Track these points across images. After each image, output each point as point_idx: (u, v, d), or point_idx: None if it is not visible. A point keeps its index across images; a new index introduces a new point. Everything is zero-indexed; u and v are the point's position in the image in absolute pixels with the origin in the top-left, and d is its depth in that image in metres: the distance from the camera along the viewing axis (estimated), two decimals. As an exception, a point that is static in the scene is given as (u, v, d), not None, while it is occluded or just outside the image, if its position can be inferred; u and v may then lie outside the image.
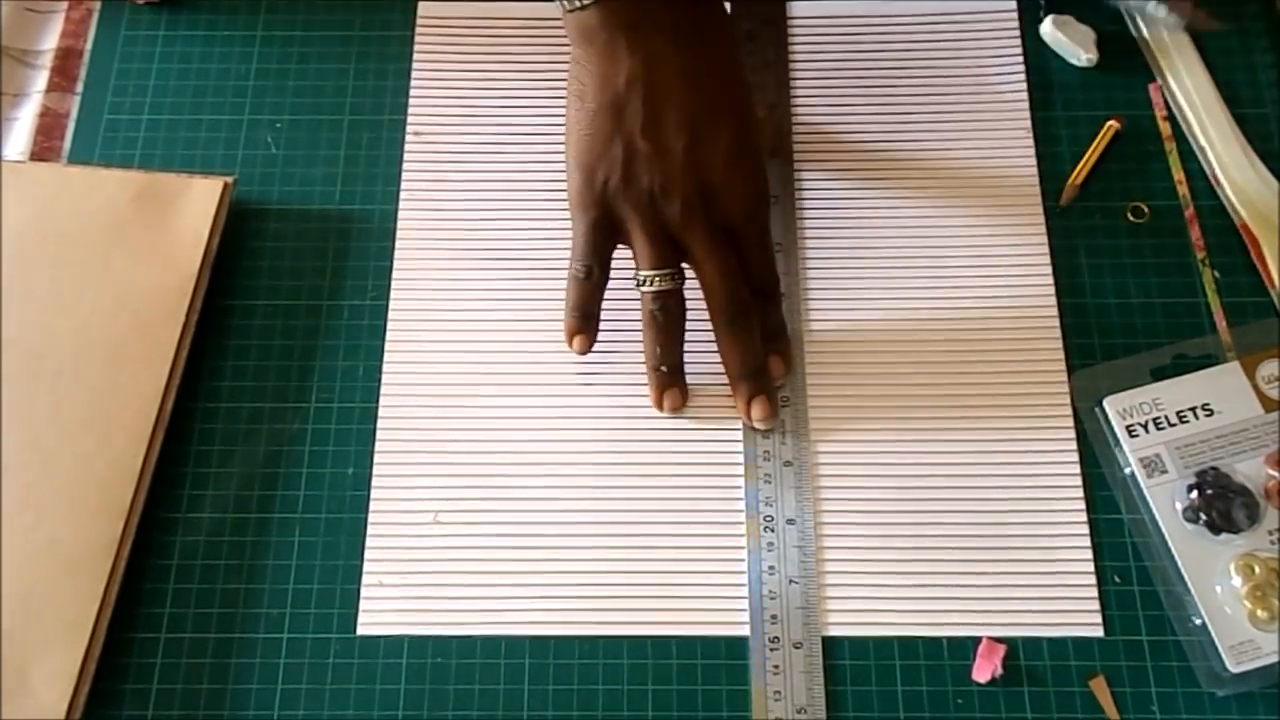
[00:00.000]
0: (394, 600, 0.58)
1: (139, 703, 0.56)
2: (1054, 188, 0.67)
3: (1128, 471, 0.59)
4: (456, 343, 0.63)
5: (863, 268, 0.65)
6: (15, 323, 0.61)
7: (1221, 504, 0.58)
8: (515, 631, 0.57)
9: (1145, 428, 0.60)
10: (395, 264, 0.65)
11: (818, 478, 0.60)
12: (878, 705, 0.56)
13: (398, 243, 0.66)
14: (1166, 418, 0.60)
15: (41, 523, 0.57)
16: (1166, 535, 0.58)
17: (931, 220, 0.66)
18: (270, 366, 0.63)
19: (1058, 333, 0.63)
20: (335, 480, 0.60)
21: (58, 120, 0.69)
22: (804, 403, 0.62)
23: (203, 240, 0.63)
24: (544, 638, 0.57)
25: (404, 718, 0.56)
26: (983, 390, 0.62)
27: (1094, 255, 0.65)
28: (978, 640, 0.57)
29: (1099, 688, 0.56)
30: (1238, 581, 0.57)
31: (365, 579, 0.58)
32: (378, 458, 0.61)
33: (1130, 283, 0.64)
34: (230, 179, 0.65)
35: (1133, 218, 0.66)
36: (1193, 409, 0.60)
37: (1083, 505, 0.59)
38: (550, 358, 0.62)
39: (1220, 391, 0.60)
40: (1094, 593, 0.58)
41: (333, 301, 0.64)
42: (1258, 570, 0.57)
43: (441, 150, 0.68)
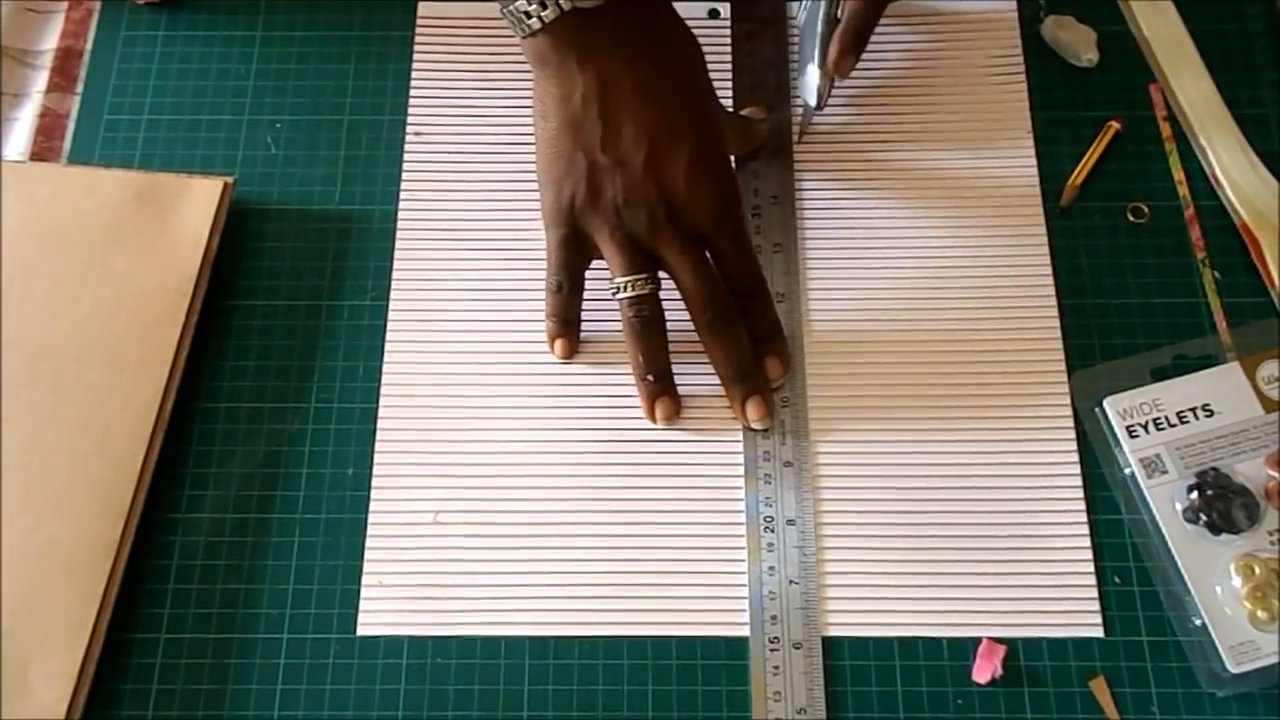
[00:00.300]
0: (394, 600, 0.58)
1: (139, 703, 0.56)
2: (1054, 188, 0.67)
3: (1128, 472, 0.59)
4: (456, 343, 0.63)
5: (863, 268, 0.65)
6: (15, 323, 0.61)
7: (1221, 504, 0.58)
8: (515, 632, 0.57)
9: (1145, 428, 0.60)
10: (395, 264, 0.65)
11: (818, 478, 0.60)
12: (877, 706, 0.56)
13: (398, 243, 0.66)
14: (1167, 418, 0.60)
15: (41, 523, 0.57)
16: (1166, 536, 0.58)
17: (931, 220, 0.66)
18: (270, 366, 0.63)
19: (1058, 333, 0.63)
20: (335, 480, 0.60)
21: (58, 120, 0.69)
22: (804, 403, 0.62)
23: (203, 240, 0.63)
24: (544, 638, 0.57)
25: (404, 718, 0.56)
26: (983, 390, 0.62)
27: (1094, 255, 0.65)
28: (978, 641, 0.57)
29: (1099, 688, 0.56)
30: (1238, 582, 0.57)
31: (365, 579, 0.58)
32: (377, 458, 0.61)
33: (1130, 283, 0.64)
34: (230, 179, 0.65)
35: (1133, 218, 0.66)
36: (1193, 409, 0.60)
37: (1083, 506, 0.59)
38: (550, 357, 0.62)
39: (1220, 392, 0.60)
40: (1094, 593, 0.58)
41: (333, 301, 0.64)
42: (1258, 571, 0.57)
43: (441, 150, 0.68)
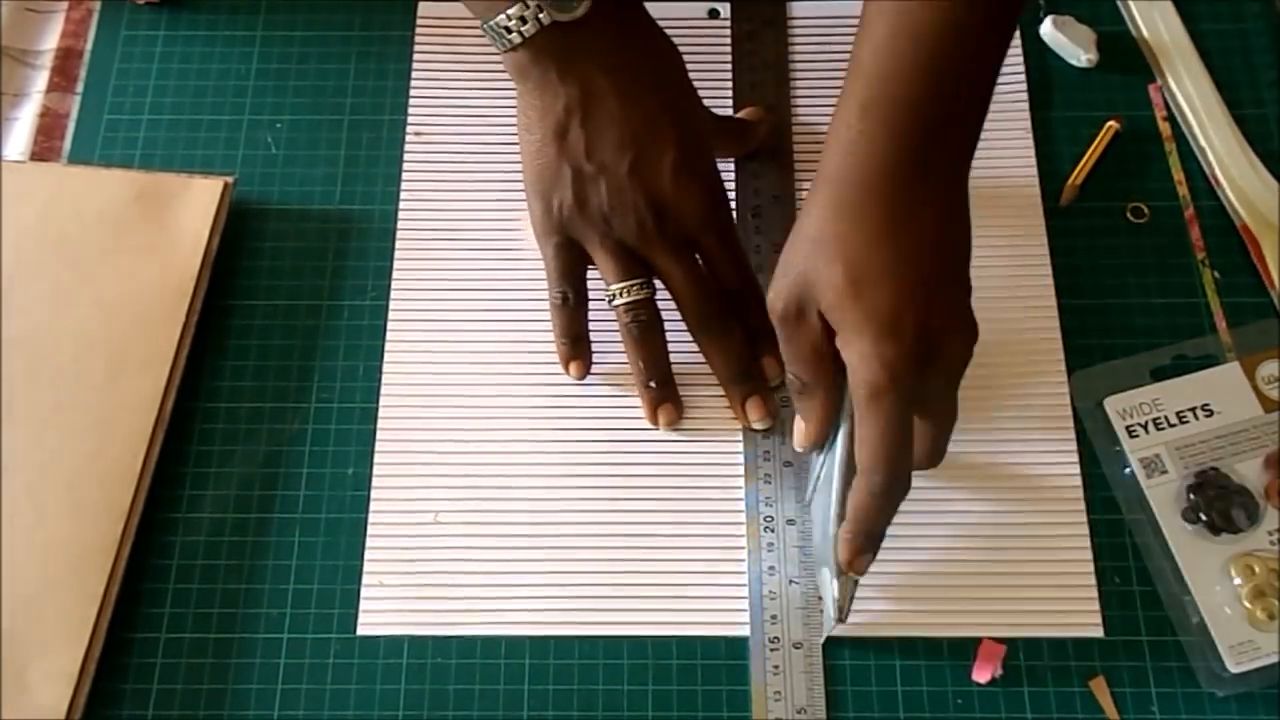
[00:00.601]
0: (394, 600, 0.58)
1: (139, 703, 0.56)
2: (1054, 188, 0.67)
3: (1127, 472, 0.59)
4: (457, 343, 0.63)
5: (863, 268, 0.65)
6: (16, 322, 0.61)
7: (1221, 504, 0.58)
8: (515, 632, 0.57)
9: (1145, 428, 0.60)
10: (395, 264, 0.65)
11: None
12: (877, 705, 0.56)
13: (398, 243, 0.66)
14: (1166, 418, 0.60)
15: (42, 522, 0.57)
16: (1166, 535, 0.58)
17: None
18: (270, 366, 0.63)
19: (1057, 333, 0.63)
20: (335, 480, 0.60)
21: (58, 120, 0.69)
22: (804, 403, 0.62)
23: (203, 240, 0.63)
24: (544, 638, 0.57)
25: (404, 718, 0.56)
26: (982, 390, 0.62)
27: (1094, 255, 0.65)
28: (978, 641, 0.57)
29: (1099, 688, 0.56)
30: (1237, 582, 0.57)
31: (365, 579, 0.58)
32: (378, 458, 0.61)
33: (1130, 283, 0.64)
34: (230, 179, 0.65)
35: (1132, 218, 0.66)
36: (1192, 409, 0.60)
37: (1082, 505, 0.59)
38: (551, 357, 0.62)
39: (1220, 392, 0.60)
40: (1094, 593, 0.58)
41: (333, 301, 0.64)
42: (1257, 570, 0.57)
43: (441, 150, 0.68)
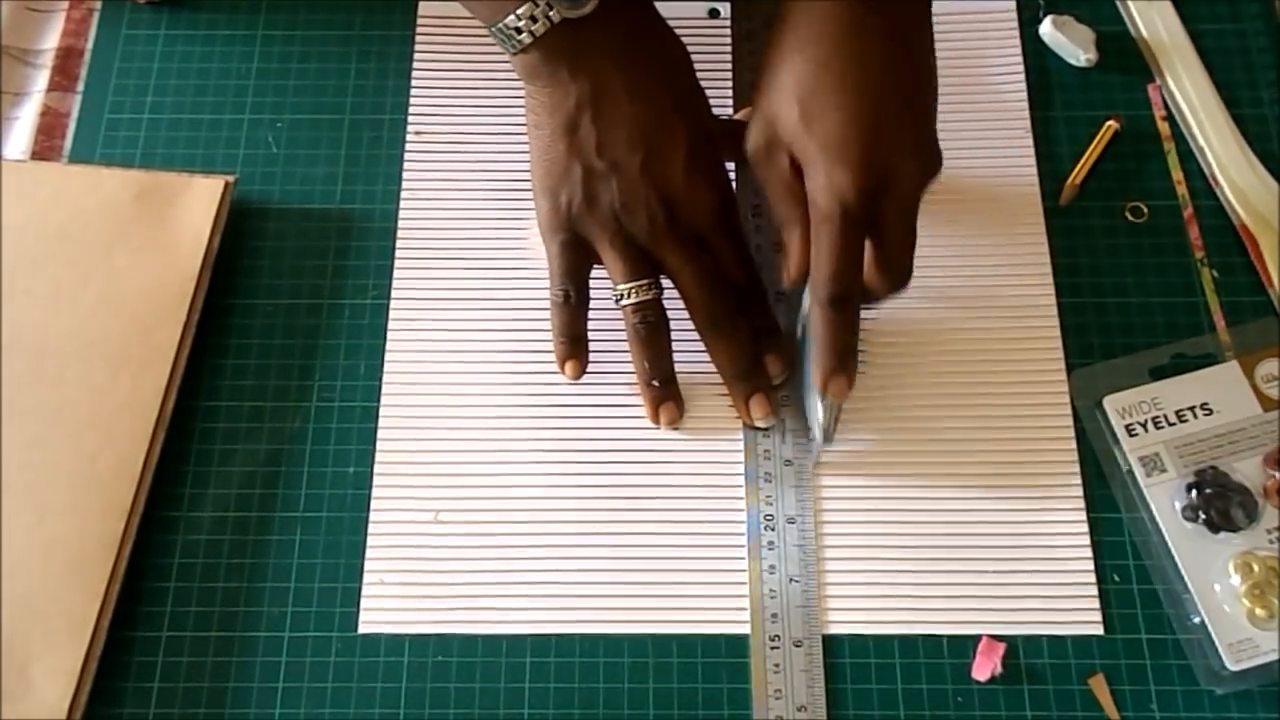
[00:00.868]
0: (395, 599, 0.58)
1: (140, 701, 0.56)
2: (1053, 187, 0.67)
3: (1127, 470, 0.60)
4: (458, 342, 0.63)
5: (862, 267, 0.65)
6: (16, 322, 0.61)
7: (1220, 503, 0.58)
8: (516, 630, 0.57)
9: (1144, 427, 0.60)
10: (396, 263, 0.65)
11: (818, 476, 0.60)
12: (878, 703, 0.56)
13: (398, 242, 0.66)
14: (1165, 417, 0.60)
15: (43, 521, 0.57)
16: (1165, 534, 0.58)
17: (930, 219, 0.66)
18: (271, 365, 0.63)
19: (1057, 332, 0.63)
20: (336, 479, 0.60)
21: (59, 119, 0.69)
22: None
23: (203, 239, 0.63)
24: (545, 636, 0.57)
25: (405, 716, 0.56)
26: (982, 389, 0.62)
27: (1093, 255, 0.65)
28: (977, 638, 0.57)
29: (1098, 686, 0.56)
30: (1236, 580, 0.57)
31: (366, 577, 0.58)
32: (379, 457, 0.61)
33: (1129, 282, 0.64)
34: (231, 178, 0.65)
35: (1132, 217, 0.66)
36: (1192, 408, 0.60)
37: (1082, 504, 0.59)
38: (551, 356, 0.62)
39: (1219, 391, 0.61)
40: (1093, 591, 0.58)
41: (333, 300, 0.64)
42: (1256, 569, 0.57)
43: (442, 150, 0.68)
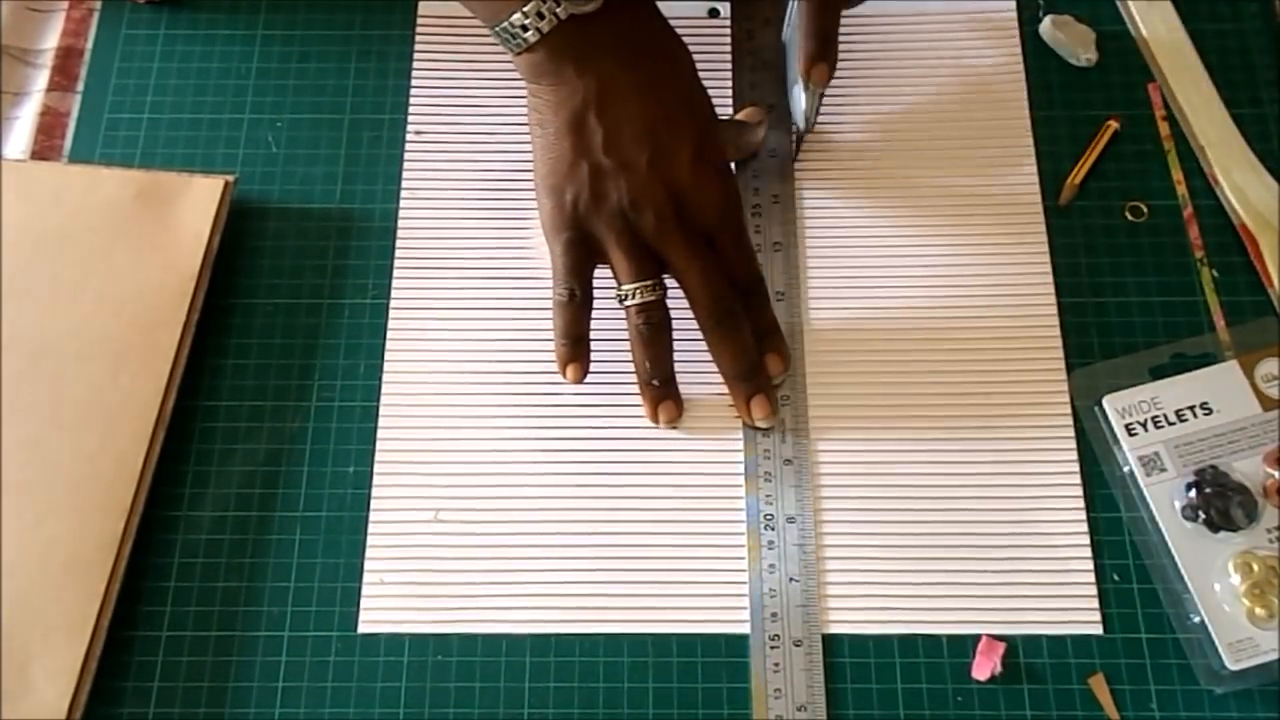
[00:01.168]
0: (395, 598, 0.58)
1: (140, 700, 0.56)
2: (1053, 187, 0.67)
3: (1127, 470, 0.60)
4: (457, 342, 0.63)
5: (862, 267, 0.65)
6: (16, 321, 0.61)
7: (1220, 502, 0.58)
8: (516, 629, 0.57)
9: (1144, 426, 0.60)
10: (396, 263, 0.65)
11: (818, 476, 0.60)
12: (877, 703, 0.56)
13: (398, 242, 0.66)
14: (1165, 416, 0.60)
15: (43, 521, 0.57)
16: (1165, 533, 0.58)
17: (930, 219, 0.66)
18: (271, 365, 0.63)
19: (1057, 331, 0.63)
20: (336, 479, 0.60)
21: (58, 119, 0.69)
22: (804, 401, 0.62)
23: (203, 239, 0.63)
24: (545, 635, 0.57)
25: (405, 715, 0.56)
26: (982, 389, 0.62)
27: (1093, 254, 0.65)
28: (977, 638, 0.57)
29: (1098, 685, 0.56)
30: (1236, 579, 0.57)
31: (366, 577, 0.58)
32: (378, 456, 0.61)
33: (1129, 282, 0.64)
34: (231, 178, 0.65)
35: (1131, 217, 0.66)
36: (1191, 408, 0.60)
37: (1082, 503, 0.59)
38: (551, 356, 0.62)
39: (1219, 390, 0.61)
40: (1093, 591, 0.58)
41: (333, 300, 0.64)
42: (1256, 568, 0.57)
43: (442, 150, 0.68)
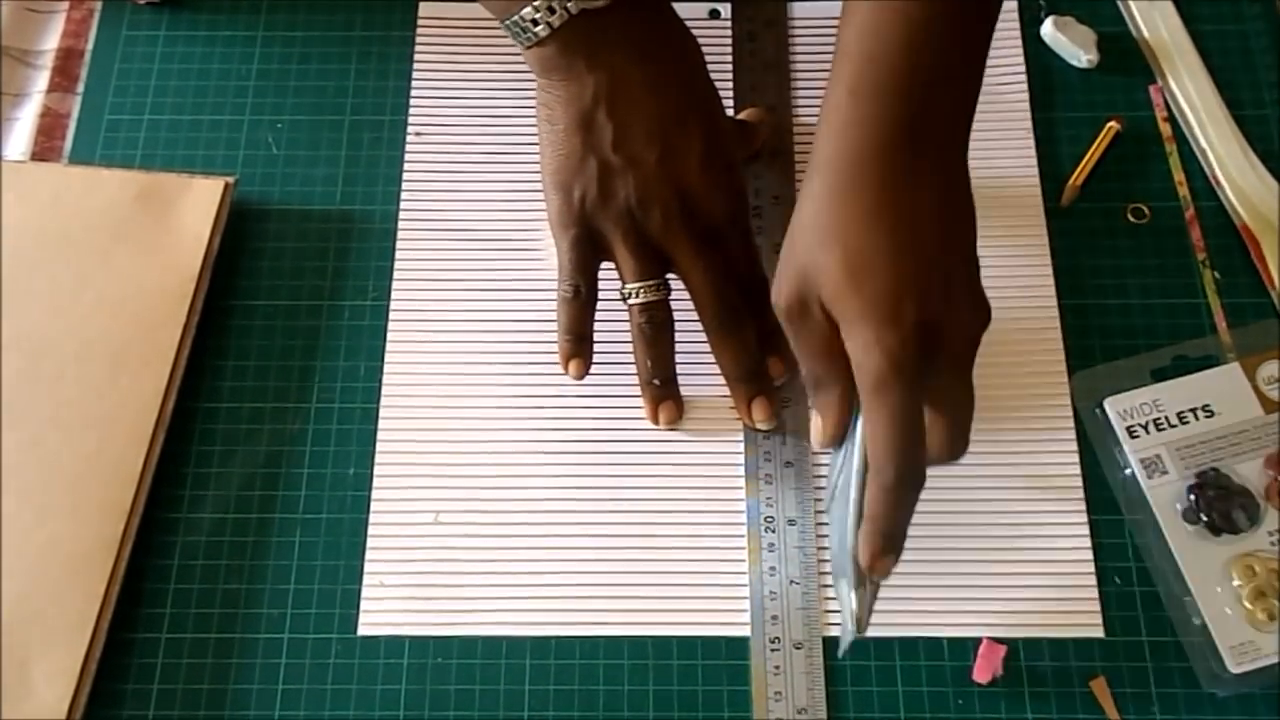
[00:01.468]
0: (395, 600, 0.58)
1: (140, 703, 0.56)
2: (1054, 188, 0.67)
3: (1128, 472, 0.60)
4: (457, 343, 0.63)
5: (863, 268, 0.65)
6: (16, 323, 0.61)
7: (1222, 505, 0.58)
8: (516, 632, 0.57)
9: (1145, 428, 0.60)
10: (396, 264, 0.65)
11: (818, 478, 0.60)
12: (878, 706, 0.56)
13: (398, 243, 0.66)
14: (1167, 419, 0.60)
15: (43, 522, 0.57)
16: (1167, 536, 0.58)
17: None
18: (271, 366, 0.63)
19: (1058, 333, 0.63)
20: (336, 480, 0.60)
21: (59, 120, 0.69)
22: (804, 403, 0.62)
23: (204, 240, 0.63)
24: (545, 638, 0.57)
25: (405, 718, 0.56)
26: (983, 391, 0.61)
27: (1094, 256, 0.65)
28: (978, 641, 0.57)
29: (1099, 688, 0.56)
30: (1238, 582, 0.57)
31: (366, 579, 0.58)
32: (378, 458, 0.61)
33: (1130, 283, 0.64)
34: (231, 179, 0.65)
35: (1133, 218, 0.66)
36: (1193, 410, 0.60)
37: (1083, 506, 0.59)
38: (552, 357, 0.62)
39: (1220, 392, 0.60)
40: (1094, 593, 0.58)
41: (333, 301, 0.64)
42: (1258, 571, 0.57)
43: (442, 150, 0.68)
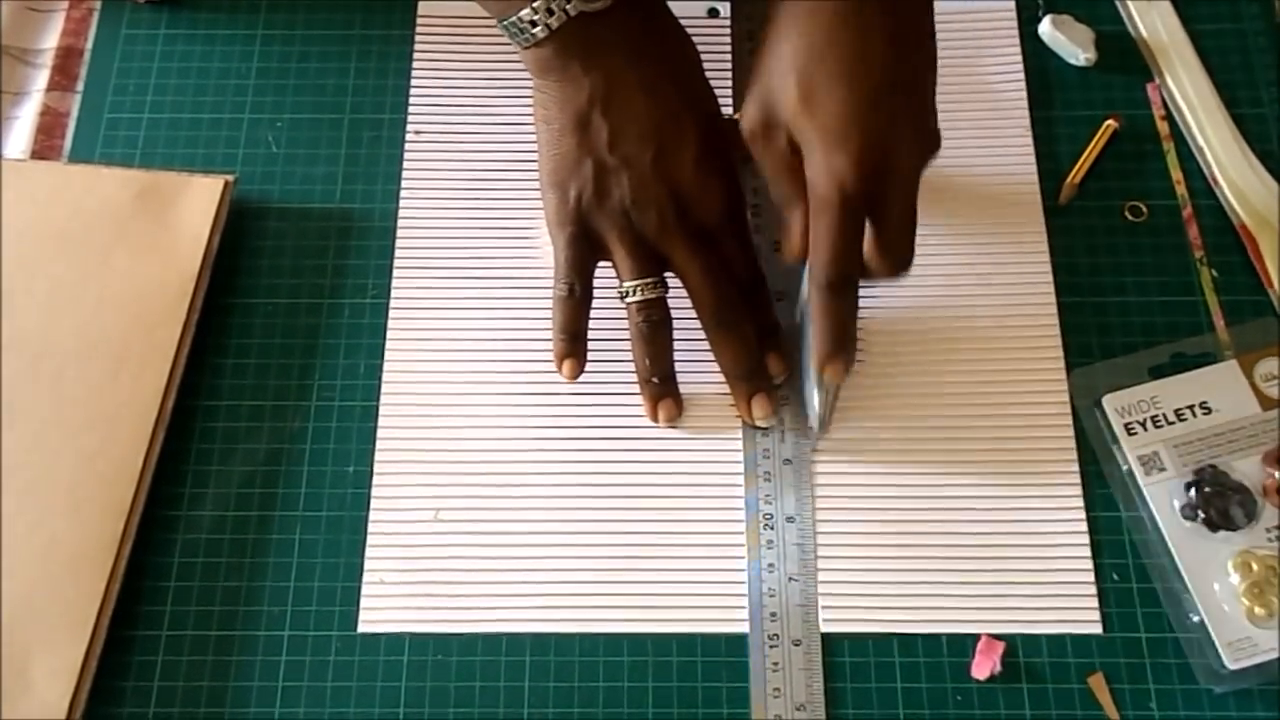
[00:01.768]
0: (395, 598, 0.58)
1: (140, 700, 0.56)
2: (1053, 187, 0.67)
3: (1126, 469, 0.60)
4: (457, 341, 0.63)
5: (862, 266, 0.65)
6: (16, 321, 0.61)
7: (1219, 502, 0.58)
8: (516, 629, 0.57)
9: (1144, 426, 0.60)
10: (395, 263, 0.65)
11: (817, 475, 0.60)
12: (877, 702, 0.56)
13: (398, 241, 0.66)
14: (1165, 416, 0.60)
15: (43, 520, 0.57)
16: (1165, 533, 0.58)
17: (930, 219, 0.66)
18: (271, 365, 0.63)
19: (1056, 331, 0.63)
20: (336, 478, 0.60)
21: (58, 119, 0.69)
22: (803, 401, 0.62)
23: (203, 239, 0.63)
24: (545, 635, 0.57)
25: (405, 715, 0.56)
26: (981, 388, 0.62)
27: (1092, 254, 0.65)
28: (976, 637, 0.57)
29: (1097, 685, 0.56)
30: (1235, 579, 0.57)
31: (366, 576, 0.58)
32: (378, 456, 0.61)
33: (1128, 281, 0.65)
34: (231, 178, 0.65)
35: (1131, 217, 0.66)
36: (1191, 407, 0.60)
37: (1081, 503, 0.60)
38: (551, 356, 0.62)
39: (1218, 390, 0.61)
40: (1092, 590, 0.58)
41: (333, 300, 0.64)
42: (1255, 567, 0.57)
43: (442, 149, 0.68)
